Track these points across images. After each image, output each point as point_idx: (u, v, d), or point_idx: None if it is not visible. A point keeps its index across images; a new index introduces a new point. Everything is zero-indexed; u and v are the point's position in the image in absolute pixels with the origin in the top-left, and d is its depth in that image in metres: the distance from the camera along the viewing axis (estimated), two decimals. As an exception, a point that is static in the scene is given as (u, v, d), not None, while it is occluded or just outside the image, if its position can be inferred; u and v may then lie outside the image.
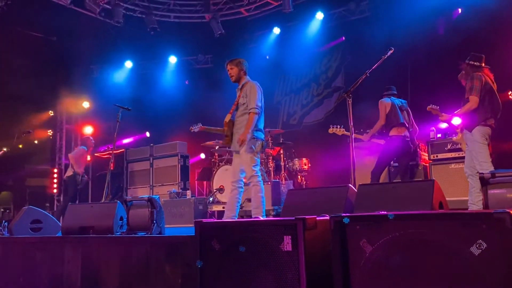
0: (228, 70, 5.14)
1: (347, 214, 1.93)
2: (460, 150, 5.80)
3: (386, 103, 6.15)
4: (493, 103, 4.86)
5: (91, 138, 9.26)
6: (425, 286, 1.73)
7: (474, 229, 1.63)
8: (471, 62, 4.97)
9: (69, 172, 8.67)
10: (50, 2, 8.51)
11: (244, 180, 5.00)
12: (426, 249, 1.74)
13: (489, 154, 4.74)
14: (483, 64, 4.99)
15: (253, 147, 4.70)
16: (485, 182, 2.97)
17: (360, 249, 1.87)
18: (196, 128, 6.44)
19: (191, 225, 7.40)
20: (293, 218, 2.05)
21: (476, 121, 4.79)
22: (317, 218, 2.10)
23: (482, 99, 4.79)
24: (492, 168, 4.57)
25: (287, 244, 2.03)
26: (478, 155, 4.72)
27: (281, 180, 7.62)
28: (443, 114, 5.31)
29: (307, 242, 1.98)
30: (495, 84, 4.98)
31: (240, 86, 5.07)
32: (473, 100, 4.76)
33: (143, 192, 8.96)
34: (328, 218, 2.05)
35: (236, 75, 5.06)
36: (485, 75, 4.90)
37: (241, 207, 6.86)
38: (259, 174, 4.78)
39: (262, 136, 4.85)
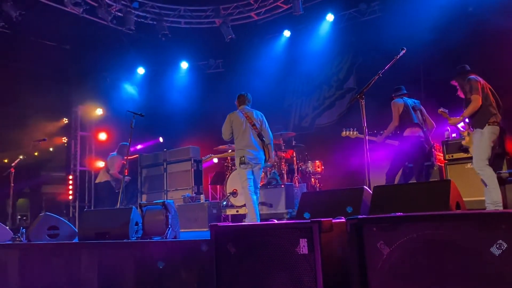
0: None
1: (364, 216, 1.91)
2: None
3: (399, 104, 6.09)
4: (496, 99, 4.89)
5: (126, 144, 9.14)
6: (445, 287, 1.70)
7: (493, 230, 1.60)
8: (460, 73, 5.03)
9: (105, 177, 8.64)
10: (63, 11, 8.63)
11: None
12: (444, 250, 1.71)
13: (489, 155, 4.69)
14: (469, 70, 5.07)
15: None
16: (503, 182, 2.92)
17: (378, 251, 1.85)
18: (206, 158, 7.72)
19: (205, 229, 7.41)
20: (309, 220, 2.04)
21: (486, 119, 4.76)
22: (333, 221, 2.09)
23: (485, 97, 4.79)
24: (488, 169, 4.54)
25: (303, 247, 2.02)
26: (481, 151, 4.67)
27: (295, 183, 7.59)
28: (451, 118, 5.25)
29: (323, 245, 1.97)
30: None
31: None
32: (476, 100, 4.75)
33: (157, 197, 9.00)
34: (344, 220, 2.03)
35: None
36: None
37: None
38: (245, 185, 5.60)
39: (238, 153, 5.68)
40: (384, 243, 1.83)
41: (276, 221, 2.43)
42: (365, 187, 3.50)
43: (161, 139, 10.80)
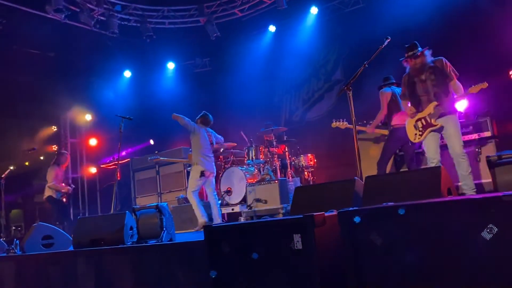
0: None
1: (355, 208, 1.92)
2: (464, 134, 5.77)
3: (386, 93, 6.17)
4: None
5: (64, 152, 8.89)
6: (439, 275, 1.71)
7: (484, 214, 1.62)
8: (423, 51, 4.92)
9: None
10: (45, 18, 8.53)
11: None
12: (437, 238, 1.72)
13: None
14: None
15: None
16: (492, 165, 2.95)
17: (371, 242, 1.86)
18: (153, 158, 8.02)
19: (201, 229, 7.41)
20: (301, 216, 2.04)
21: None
22: (325, 214, 2.09)
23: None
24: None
25: (297, 242, 2.02)
26: (460, 137, 4.78)
27: (288, 178, 7.60)
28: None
29: (317, 239, 1.97)
30: None
31: None
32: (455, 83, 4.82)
33: (151, 200, 8.98)
34: (336, 213, 2.04)
35: None
36: None
37: (250, 207, 6.89)
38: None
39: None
40: (376, 234, 1.84)
41: (269, 218, 2.43)
42: (356, 178, 3.51)
43: (151, 142, 10.74)
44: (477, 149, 5.77)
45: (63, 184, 8.44)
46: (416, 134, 5.05)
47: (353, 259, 1.88)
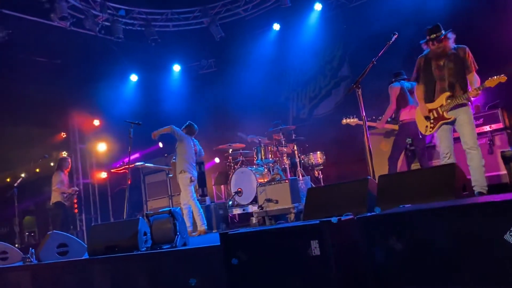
0: None
1: (373, 214, 1.90)
2: (475, 126, 5.71)
3: (395, 87, 6.15)
4: None
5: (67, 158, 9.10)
6: (461, 278, 1.69)
7: (506, 217, 1.59)
8: (447, 35, 4.63)
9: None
10: (50, 26, 8.58)
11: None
12: (458, 241, 1.70)
13: None
14: None
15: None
16: (507, 160, 2.91)
17: (390, 247, 1.84)
18: (138, 164, 8.22)
19: (215, 231, 7.42)
20: (318, 221, 2.03)
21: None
22: (342, 219, 2.08)
23: None
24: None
25: (314, 248, 2.01)
26: (474, 128, 4.60)
27: (298, 177, 7.59)
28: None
29: (335, 245, 1.96)
30: None
31: None
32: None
33: (162, 203, 9.01)
34: (353, 217, 2.02)
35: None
36: None
37: (261, 207, 6.89)
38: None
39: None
40: (395, 238, 1.83)
41: (284, 223, 2.42)
42: (369, 177, 3.49)
43: (160, 145, 10.77)
44: (489, 141, 5.70)
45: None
46: (427, 126, 4.79)
47: (372, 264, 1.87)
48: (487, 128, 5.76)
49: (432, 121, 4.74)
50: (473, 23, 7.08)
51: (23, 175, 10.26)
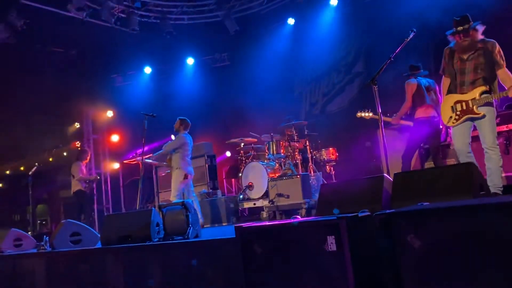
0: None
1: (392, 211, 1.89)
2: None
3: (412, 84, 6.02)
4: None
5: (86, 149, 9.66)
6: (479, 279, 1.68)
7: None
8: (476, 27, 4.44)
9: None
10: (67, 16, 8.64)
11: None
12: (478, 241, 1.69)
13: None
14: None
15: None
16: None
17: (408, 245, 1.83)
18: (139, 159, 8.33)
19: (225, 224, 7.45)
20: (335, 217, 2.03)
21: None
22: (359, 215, 2.07)
23: None
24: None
25: (331, 244, 2.00)
26: (495, 128, 4.49)
27: (310, 172, 7.57)
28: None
29: (352, 241, 1.96)
30: None
31: None
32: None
33: (173, 195, 9.05)
34: (370, 214, 2.02)
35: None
36: None
37: (273, 202, 6.89)
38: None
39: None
40: (414, 236, 1.81)
41: (299, 218, 2.42)
42: (385, 174, 3.47)
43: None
44: (505, 141, 5.63)
45: None
46: (451, 117, 4.60)
47: (390, 261, 1.86)
48: (504, 128, 5.68)
49: (458, 112, 4.57)
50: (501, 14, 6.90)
51: (37, 164, 10.39)
